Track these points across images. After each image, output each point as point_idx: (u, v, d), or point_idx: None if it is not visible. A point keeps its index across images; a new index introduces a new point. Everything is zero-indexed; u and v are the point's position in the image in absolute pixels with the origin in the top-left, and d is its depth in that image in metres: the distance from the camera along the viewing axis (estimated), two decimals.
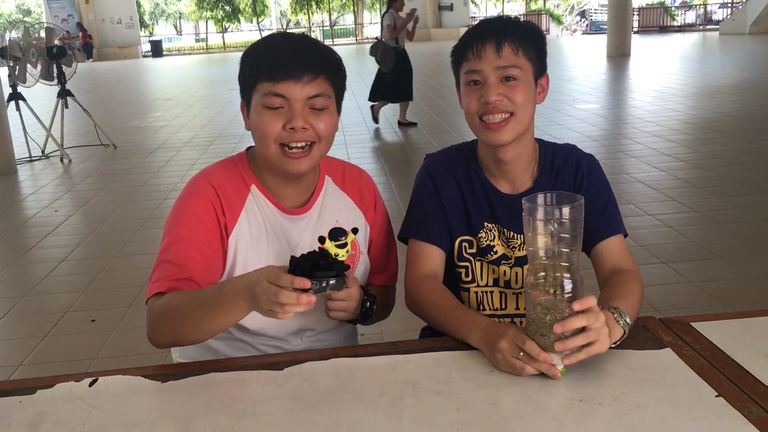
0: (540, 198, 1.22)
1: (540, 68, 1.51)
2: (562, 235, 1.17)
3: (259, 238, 1.47)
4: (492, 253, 1.59)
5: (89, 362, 3.02)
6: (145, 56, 31.66)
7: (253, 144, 1.49)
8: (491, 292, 1.61)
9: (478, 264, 1.60)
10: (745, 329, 1.37)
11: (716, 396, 1.13)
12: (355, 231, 1.34)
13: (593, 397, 1.15)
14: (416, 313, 1.54)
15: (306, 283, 1.10)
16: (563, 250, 1.17)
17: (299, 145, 1.39)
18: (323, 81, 1.40)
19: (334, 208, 1.55)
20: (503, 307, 1.62)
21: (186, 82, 18.11)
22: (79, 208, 5.81)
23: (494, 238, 1.58)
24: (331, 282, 1.14)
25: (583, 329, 1.17)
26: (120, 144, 8.47)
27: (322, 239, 1.34)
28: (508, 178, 1.57)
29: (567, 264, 1.18)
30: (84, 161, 7.69)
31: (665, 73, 13.65)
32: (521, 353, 1.20)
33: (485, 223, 1.58)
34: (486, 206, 1.58)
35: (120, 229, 5.07)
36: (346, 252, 1.33)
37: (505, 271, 1.59)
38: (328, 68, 1.41)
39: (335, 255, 1.33)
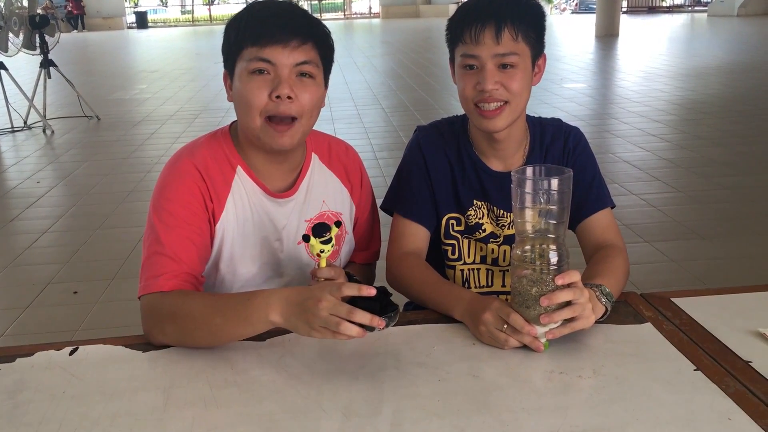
0: (529, 170, 1.22)
1: (538, 50, 1.47)
2: (550, 207, 1.17)
3: (245, 224, 1.43)
4: (480, 231, 1.58)
5: (71, 334, 3.00)
6: (129, 27, 31.20)
7: (236, 119, 1.43)
8: (478, 270, 1.61)
9: (465, 241, 1.59)
10: (724, 305, 1.38)
11: (695, 370, 1.15)
12: (338, 224, 1.32)
13: (573, 370, 1.15)
14: (398, 289, 1.53)
15: (382, 323, 1.08)
16: (551, 222, 1.17)
17: (283, 121, 1.34)
18: (311, 48, 1.34)
19: (321, 188, 1.52)
20: (489, 284, 1.62)
21: (171, 55, 17.88)
22: (62, 180, 5.75)
23: (483, 216, 1.57)
24: (393, 318, 1.13)
25: (568, 303, 1.18)
26: (103, 116, 8.37)
27: (306, 237, 1.33)
28: (500, 156, 1.55)
29: (554, 236, 1.18)
30: (67, 132, 7.59)
31: (653, 53, 13.65)
32: (505, 326, 1.20)
33: (474, 201, 1.57)
34: (476, 184, 1.57)
35: (103, 202, 5.02)
36: (331, 247, 1.32)
37: (492, 249, 1.59)
38: (317, 36, 1.36)
39: (320, 252, 1.32)
